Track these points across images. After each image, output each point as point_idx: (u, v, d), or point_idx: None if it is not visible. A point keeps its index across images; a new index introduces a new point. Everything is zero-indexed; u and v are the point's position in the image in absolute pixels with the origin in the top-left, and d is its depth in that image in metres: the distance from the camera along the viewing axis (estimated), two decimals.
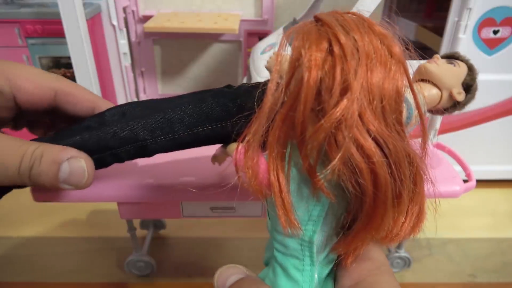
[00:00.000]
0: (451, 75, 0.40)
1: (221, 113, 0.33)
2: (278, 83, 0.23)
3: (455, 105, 0.42)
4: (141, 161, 0.46)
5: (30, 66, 0.35)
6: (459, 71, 0.41)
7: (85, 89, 0.37)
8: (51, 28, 0.79)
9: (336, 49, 0.20)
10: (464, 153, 0.52)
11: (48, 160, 0.31)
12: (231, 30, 0.91)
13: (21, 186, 0.34)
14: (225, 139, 0.35)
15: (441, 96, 0.41)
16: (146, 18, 1.01)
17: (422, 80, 0.42)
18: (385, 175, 0.22)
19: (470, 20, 0.63)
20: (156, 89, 1.18)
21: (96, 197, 0.42)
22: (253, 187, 0.24)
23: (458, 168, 0.50)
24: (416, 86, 0.40)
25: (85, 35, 0.70)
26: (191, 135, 0.34)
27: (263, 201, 0.27)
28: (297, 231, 0.24)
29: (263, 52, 0.77)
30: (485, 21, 0.64)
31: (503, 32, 0.65)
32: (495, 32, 0.65)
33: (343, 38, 0.21)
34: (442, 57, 0.43)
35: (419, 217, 0.26)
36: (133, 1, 1.01)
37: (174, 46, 1.12)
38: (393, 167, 0.22)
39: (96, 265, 0.58)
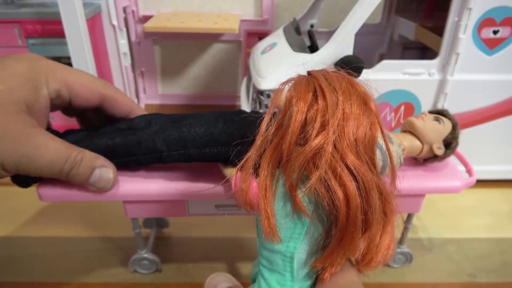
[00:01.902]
0: (433, 132, 0.44)
1: (226, 138, 0.40)
2: (273, 113, 0.29)
3: (435, 157, 0.45)
4: None
5: (85, 72, 0.41)
6: (443, 129, 0.45)
7: (125, 95, 0.43)
8: (51, 28, 0.79)
9: (320, 99, 0.26)
10: (464, 153, 0.52)
11: (85, 165, 0.37)
12: (231, 30, 0.91)
13: (30, 178, 0.39)
14: (226, 161, 0.41)
15: (422, 149, 0.44)
16: (146, 18, 1.01)
17: (408, 132, 0.46)
18: (355, 196, 0.26)
19: (470, 20, 0.63)
20: (156, 89, 1.18)
21: (102, 196, 0.42)
22: (244, 202, 0.29)
23: (461, 168, 0.50)
24: (400, 136, 0.46)
25: (85, 35, 0.70)
26: (199, 154, 0.40)
27: (251, 213, 0.31)
28: (277, 239, 0.28)
29: (263, 52, 0.77)
30: (485, 21, 0.64)
31: (503, 32, 0.65)
32: (495, 32, 0.65)
33: (327, 92, 0.26)
34: (430, 112, 0.46)
35: (390, 246, 0.30)
36: (133, 1, 1.01)
37: (174, 46, 1.12)
38: (362, 191, 0.26)
39: (97, 265, 0.58)
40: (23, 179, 0.39)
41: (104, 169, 0.39)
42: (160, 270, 0.57)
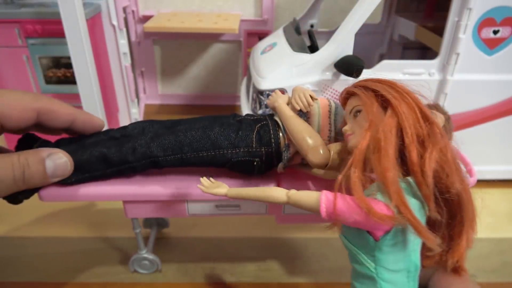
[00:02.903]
0: None
1: (224, 141, 0.39)
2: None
3: None
4: None
5: (12, 91, 0.37)
6: None
7: (63, 104, 0.40)
8: (51, 28, 0.79)
9: (413, 104, 0.32)
10: (464, 153, 0.52)
11: (34, 162, 0.34)
12: (231, 30, 0.91)
13: (19, 194, 0.37)
14: (224, 164, 0.41)
15: None
16: (146, 18, 1.01)
17: None
18: (463, 180, 0.31)
19: (470, 20, 0.63)
20: (156, 89, 1.18)
21: (102, 196, 0.42)
22: (380, 218, 0.27)
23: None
24: None
25: (85, 35, 0.70)
26: (196, 158, 0.40)
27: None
28: (435, 238, 0.29)
29: (263, 52, 0.77)
30: (485, 21, 0.64)
31: (503, 32, 0.65)
32: (495, 32, 0.65)
33: (414, 97, 0.32)
34: None
35: None
36: (133, 1, 1.01)
37: (174, 46, 1.12)
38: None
39: (97, 265, 0.58)
40: (13, 197, 0.37)
41: (54, 156, 0.36)
42: (160, 270, 0.57)
